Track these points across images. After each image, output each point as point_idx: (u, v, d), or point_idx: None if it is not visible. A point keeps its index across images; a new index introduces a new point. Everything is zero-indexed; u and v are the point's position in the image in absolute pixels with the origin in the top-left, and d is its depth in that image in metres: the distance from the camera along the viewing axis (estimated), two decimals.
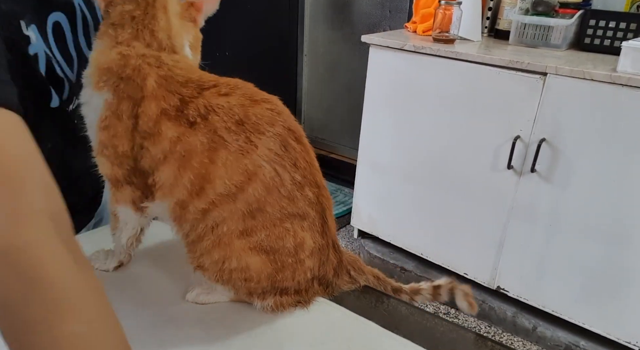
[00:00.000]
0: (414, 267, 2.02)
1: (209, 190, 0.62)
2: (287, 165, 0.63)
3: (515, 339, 1.80)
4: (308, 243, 0.67)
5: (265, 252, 0.65)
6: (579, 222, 1.55)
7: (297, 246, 0.66)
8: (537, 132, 1.55)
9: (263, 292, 0.69)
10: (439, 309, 1.94)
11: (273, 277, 0.67)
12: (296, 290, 0.70)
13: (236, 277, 0.67)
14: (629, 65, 1.37)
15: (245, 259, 0.65)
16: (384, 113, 1.93)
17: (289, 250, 0.66)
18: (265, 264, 0.66)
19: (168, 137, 0.61)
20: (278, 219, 0.64)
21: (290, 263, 0.67)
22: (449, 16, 1.72)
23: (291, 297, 0.71)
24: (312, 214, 0.67)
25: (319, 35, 2.86)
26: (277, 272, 0.67)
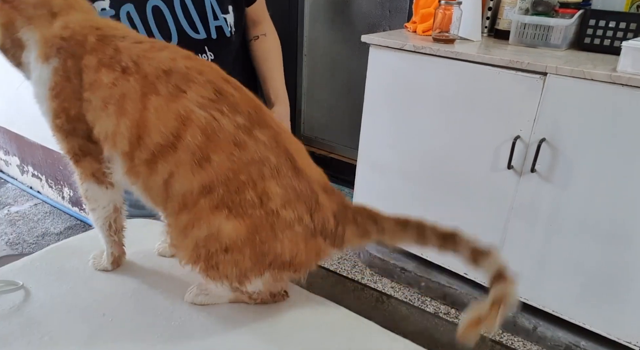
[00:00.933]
0: (414, 268, 2.02)
1: (147, 139, 0.63)
2: (224, 110, 0.63)
3: (516, 339, 1.80)
4: (274, 191, 0.64)
5: (229, 208, 0.63)
6: (579, 222, 1.55)
7: (261, 196, 0.63)
8: (537, 132, 1.55)
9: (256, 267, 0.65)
10: (439, 309, 1.94)
11: (252, 240, 0.64)
12: (293, 252, 0.66)
13: (214, 250, 0.64)
14: (629, 65, 1.37)
15: (214, 222, 0.63)
16: (383, 113, 1.93)
17: (253, 202, 0.63)
18: (237, 225, 0.63)
19: (104, 82, 0.65)
20: (230, 169, 0.62)
21: (261, 217, 0.63)
22: (448, 16, 1.72)
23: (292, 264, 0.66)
24: (273, 159, 0.64)
25: (319, 36, 2.86)
26: (253, 232, 0.64)
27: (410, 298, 2.00)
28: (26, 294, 0.72)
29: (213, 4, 1.03)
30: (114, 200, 0.74)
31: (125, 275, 0.77)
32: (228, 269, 0.65)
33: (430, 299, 2.00)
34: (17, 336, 0.64)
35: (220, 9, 1.05)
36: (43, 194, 2.75)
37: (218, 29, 1.04)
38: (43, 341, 0.64)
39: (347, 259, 2.22)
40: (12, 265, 0.79)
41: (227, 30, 1.06)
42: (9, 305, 0.69)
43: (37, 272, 0.77)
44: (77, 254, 0.82)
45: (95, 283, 0.75)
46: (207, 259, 0.65)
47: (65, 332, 0.65)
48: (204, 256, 0.65)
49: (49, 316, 0.68)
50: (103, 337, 0.65)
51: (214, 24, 1.04)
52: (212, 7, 1.04)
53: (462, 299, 1.91)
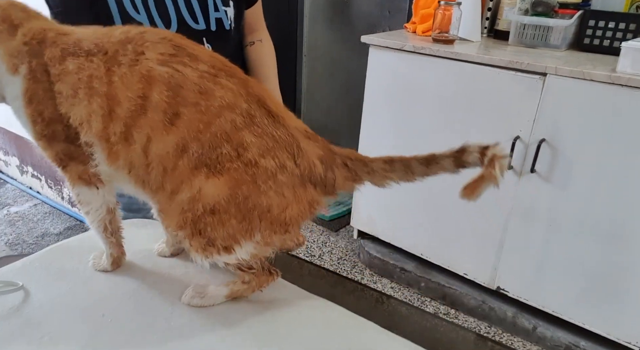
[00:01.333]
0: (413, 268, 2.02)
1: (118, 110, 0.64)
2: (185, 61, 0.63)
3: (515, 339, 1.80)
4: (249, 140, 0.62)
5: (207, 166, 0.62)
6: (578, 222, 1.55)
7: (237, 148, 0.62)
8: (536, 133, 1.55)
9: (243, 226, 0.63)
10: (439, 310, 1.94)
11: (235, 197, 0.62)
12: (281, 204, 0.63)
13: (199, 213, 0.63)
14: (628, 65, 1.37)
15: (194, 184, 0.62)
16: (383, 113, 1.93)
17: (230, 156, 0.62)
18: (217, 183, 0.62)
19: (71, 70, 0.65)
20: (200, 120, 0.62)
21: (240, 170, 0.62)
22: (448, 16, 1.72)
23: (283, 221, 0.64)
24: (244, 105, 0.63)
25: (319, 36, 2.86)
26: (236, 187, 0.62)
27: (409, 298, 2.00)
28: (26, 295, 0.72)
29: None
30: (106, 201, 0.74)
31: (125, 276, 0.77)
32: (215, 232, 0.63)
33: (429, 299, 2.00)
34: (17, 336, 0.64)
35: (221, 1, 1.05)
36: (43, 195, 2.75)
37: (218, 21, 1.04)
38: (43, 341, 0.64)
39: (347, 260, 2.22)
40: (12, 265, 0.79)
41: (226, 24, 1.06)
42: (8, 305, 0.69)
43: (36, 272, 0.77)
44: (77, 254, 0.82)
45: (95, 284, 0.75)
46: (193, 223, 0.63)
47: (65, 333, 0.65)
48: (190, 220, 0.63)
49: (48, 316, 0.68)
50: (103, 337, 0.65)
51: (214, 15, 1.04)
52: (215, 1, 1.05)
53: (461, 299, 1.91)
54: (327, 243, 2.33)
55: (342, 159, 0.68)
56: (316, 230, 2.43)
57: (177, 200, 0.64)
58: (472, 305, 1.89)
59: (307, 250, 2.27)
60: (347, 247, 2.30)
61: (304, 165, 0.64)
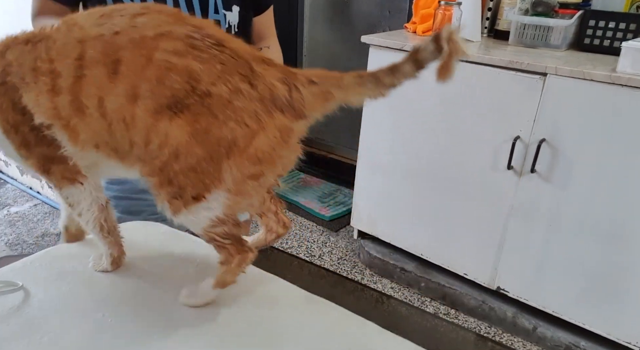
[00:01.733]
0: (414, 268, 2.02)
1: (59, 80, 0.63)
2: (114, 15, 0.62)
3: (516, 339, 1.80)
4: (196, 68, 0.59)
5: (168, 107, 0.59)
6: (579, 222, 1.55)
7: (188, 80, 0.59)
8: (537, 133, 1.55)
9: (211, 167, 0.60)
10: (439, 310, 1.94)
11: (196, 133, 0.59)
12: (247, 136, 0.60)
13: (166, 159, 0.60)
14: (628, 65, 1.37)
15: (161, 128, 0.60)
16: (383, 113, 1.93)
17: (185, 90, 0.59)
18: (179, 123, 0.59)
19: (11, 59, 0.64)
20: (142, 56, 0.60)
21: (197, 103, 0.59)
22: (448, 17, 1.72)
23: (253, 156, 0.60)
24: (181, 31, 0.61)
25: (319, 36, 2.86)
26: (194, 122, 0.59)
27: (410, 298, 2.00)
28: (26, 295, 0.72)
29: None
30: (95, 198, 0.73)
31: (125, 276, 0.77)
32: (183, 178, 0.61)
33: (430, 300, 1.99)
34: (17, 337, 0.64)
35: (222, 4, 1.05)
36: (43, 195, 2.75)
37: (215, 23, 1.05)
38: (43, 342, 0.64)
39: (347, 260, 2.22)
40: (12, 266, 0.79)
41: (223, 26, 1.06)
42: (8, 305, 0.69)
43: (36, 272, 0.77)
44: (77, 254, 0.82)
45: (95, 284, 0.75)
46: (161, 170, 0.61)
47: (65, 333, 0.65)
48: (158, 168, 0.62)
49: (48, 317, 0.68)
50: (103, 337, 0.65)
51: (213, 16, 1.05)
52: (215, 1, 1.05)
53: (462, 299, 1.91)
54: (327, 243, 2.33)
55: (307, 77, 0.63)
56: (316, 230, 2.43)
57: (150, 152, 0.62)
58: (472, 306, 1.89)
59: (307, 251, 2.27)
60: (347, 247, 2.30)
61: (262, 87, 0.60)
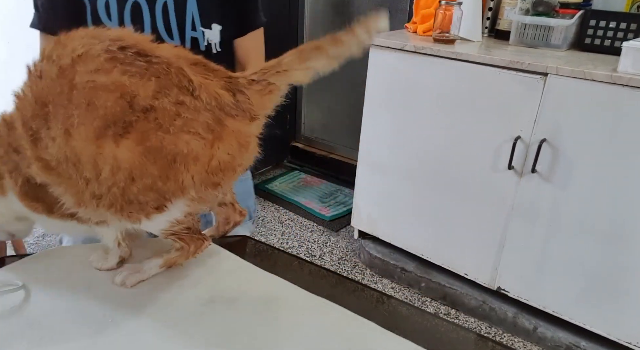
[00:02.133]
0: (414, 268, 2.02)
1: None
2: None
3: (516, 339, 1.80)
4: (127, 81, 0.56)
5: (107, 128, 0.56)
6: (579, 223, 1.55)
7: (122, 95, 0.55)
8: (537, 133, 1.55)
9: (169, 180, 0.58)
10: (439, 310, 1.94)
11: (149, 151, 0.57)
12: (205, 147, 0.58)
13: (122, 183, 0.58)
14: (629, 65, 1.37)
15: (107, 154, 0.57)
16: (384, 113, 1.93)
17: (121, 107, 0.56)
18: (126, 143, 0.56)
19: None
20: (61, 82, 0.56)
21: (141, 119, 0.56)
22: (449, 16, 1.72)
23: (214, 167, 0.59)
24: (98, 48, 0.57)
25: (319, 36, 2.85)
26: (144, 140, 0.56)
27: (410, 298, 2.00)
28: (26, 295, 0.72)
29: (194, 14, 1.01)
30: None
31: None
32: (144, 197, 0.59)
33: (430, 300, 1.99)
34: (17, 336, 0.64)
35: (200, 21, 1.02)
36: None
37: (193, 41, 1.02)
38: (43, 341, 0.64)
39: (348, 260, 2.22)
40: (13, 265, 0.79)
41: (202, 44, 1.03)
42: (9, 305, 0.69)
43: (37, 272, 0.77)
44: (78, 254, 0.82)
45: (96, 284, 0.75)
46: (121, 196, 0.59)
47: (65, 333, 0.65)
48: (119, 196, 0.59)
49: (49, 316, 0.68)
50: (103, 337, 0.65)
51: (190, 33, 1.02)
52: (193, 17, 1.01)
53: (462, 299, 1.90)
54: (328, 243, 2.33)
55: (247, 76, 0.62)
56: (317, 230, 2.43)
57: (101, 181, 0.58)
58: (472, 306, 1.88)
59: (307, 251, 2.27)
60: (347, 247, 2.30)
61: (205, 97, 0.58)
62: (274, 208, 2.62)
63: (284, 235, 2.38)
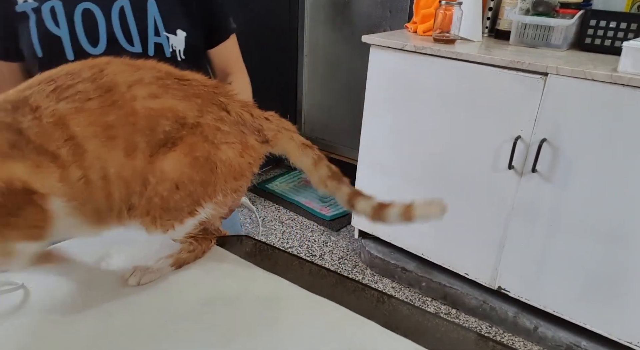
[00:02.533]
0: (414, 268, 2.02)
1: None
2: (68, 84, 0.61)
3: (517, 339, 1.80)
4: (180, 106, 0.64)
5: (160, 145, 0.63)
6: (579, 222, 1.55)
7: (175, 119, 0.64)
8: (538, 132, 1.55)
9: (209, 187, 0.66)
10: (440, 309, 1.94)
11: (197, 161, 0.65)
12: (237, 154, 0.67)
13: (166, 193, 0.64)
14: (629, 65, 1.37)
15: (156, 169, 0.63)
16: (384, 113, 1.93)
17: (173, 128, 0.64)
18: (174, 155, 0.64)
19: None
20: (126, 112, 0.61)
21: (189, 134, 0.64)
22: (449, 16, 1.72)
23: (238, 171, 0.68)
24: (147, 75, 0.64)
25: (320, 36, 2.86)
26: (193, 151, 0.65)
27: (411, 298, 2.00)
28: (26, 294, 0.72)
29: (157, 18, 0.96)
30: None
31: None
32: (181, 203, 0.66)
33: (431, 299, 1.99)
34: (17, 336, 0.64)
35: (164, 26, 0.97)
36: None
37: (157, 46, 0.97)
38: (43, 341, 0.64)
39: (348, 259, 2.22)
40: None
41: (167, 51, 0.98)
42: (8, 304, 0.69)
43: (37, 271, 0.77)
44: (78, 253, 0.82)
45: (96, 283, 0.75)
46: (161, 205, 0.65)
47: (65, 332, 0.65)
48: (158, 204, 0.65)
49: (49, 316, 0.68)
50: (103, 337, 0.65)
51: (153, 39, 0.96)
52: (155, 22, 0.96)
53: (462, 299, 1.90)
54: (328, 243, 2.33)
55: (261, 114, 0.72)
56: (317, 230, 2.43)
57: (146, 194, 0.64)
58: (473, 305, 1.88)
59: (308, 250, 2.27)
60: (348, 247, 2.30)
61: (235, 114, 0.68)
62: (274, 208, 2.62)
63: (284, 235, 2.38)
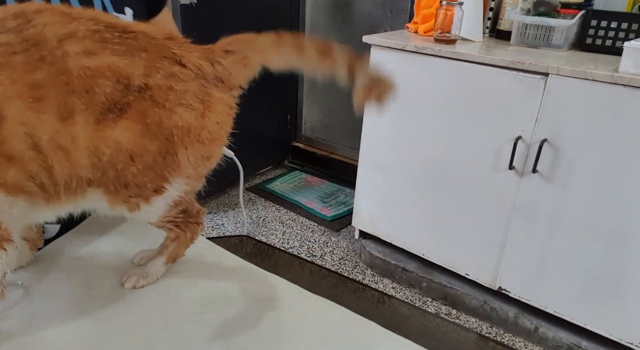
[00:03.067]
0: (415, 268, 2.02)
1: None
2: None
3: (517, 339, 1.80)
4: (120, 63, 0.55)
5: (108, 111, 0.55)
6: (580, 222, 1.55)
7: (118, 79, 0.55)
8: (538, 133, 1.55)
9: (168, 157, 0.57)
10: (440, 310, 1.93)
11: (149, 128, 0.56)
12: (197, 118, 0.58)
13: (121, 166, 0.56)
14: (630, 65, 1.37)
15: (108, 139, 0.55)
16: (384, 113, 1.93)
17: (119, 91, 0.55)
18: (125, 124, 0.56)
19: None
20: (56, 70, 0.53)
21: (138, 99, 0.55)
22: (450, 17, 1.72)
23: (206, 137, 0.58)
24: (81, 27, 0.54)
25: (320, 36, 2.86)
26: (143, 118, 0.56)
27: (411, 298, 2.00)
28: (26, 293, 0.72)
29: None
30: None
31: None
32: (142, 178, 0.58)
33: (431, 300, 1.99)
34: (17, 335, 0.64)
35: (112, 6, 0.94)
36: None
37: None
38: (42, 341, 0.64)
39: (349, 260, 2.22)
40: None
41: None
42: (8, 304, 0.69)
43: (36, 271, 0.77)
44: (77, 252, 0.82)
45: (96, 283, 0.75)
46: (117, 179, 0.58)
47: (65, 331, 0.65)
48: (114, 179, 0.57)
49: (48, 315, 0.68)
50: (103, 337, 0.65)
51: None
52: (103, 2, 0.92)
53: (463, 299, 1.90)
54: (329, 243, 2.33)
55: (222, 48, 0.62)
56: (317, 230, 2.43)
57: (102, 166, 0.57)
58: (473, 306, 1.88)
59: (308, 250, 2.27)
60: (348, 247, 2.30)
61: (192, 66, 0.59)
62: (274, 208, 2.62)
63: (284, 235, 2.37)
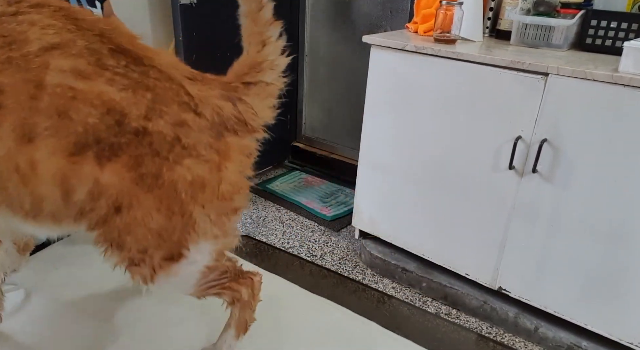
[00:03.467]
0: (415, 268, 2.02)
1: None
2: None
3: (517, 339, 1.80)
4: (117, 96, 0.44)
5: (87, 146, 0.44)
6: (580, 222, 1.55)
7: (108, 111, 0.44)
8: (538, 133, 1.55)
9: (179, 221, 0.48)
10: (440, 310, 1.93)
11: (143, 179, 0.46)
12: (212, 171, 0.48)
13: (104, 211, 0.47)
14: (630, 65, 1.37)
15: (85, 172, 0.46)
16: (385, 113, 1.93)
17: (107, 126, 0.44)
18: (115, 167, 0.45)
19: None
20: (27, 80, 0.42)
21: (134, 143, 0.45)
22: (450, 16, 1.72)
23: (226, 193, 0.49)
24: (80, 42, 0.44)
25: (320, 36, 2.86)
26: (137, 166, 0.46)
27: (411, 298, 2.00)
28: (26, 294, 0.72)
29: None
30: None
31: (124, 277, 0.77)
32: (142, 239, 0.47)
33: (431, 300, 1.99)
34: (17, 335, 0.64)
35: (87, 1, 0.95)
36: None
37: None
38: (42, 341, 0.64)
39: (349, 260, 2.22)
40: None
41: None
42: (8, 304, 0.69)
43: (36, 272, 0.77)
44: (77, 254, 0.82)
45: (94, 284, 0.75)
46: (104, 223, 0.47)
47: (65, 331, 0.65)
48: (95, 222, 0.47)
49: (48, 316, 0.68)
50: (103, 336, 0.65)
51: None
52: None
53: (463, 299, 1.90)
54: (329, 243, 2.33)
55: (241, 79, 0.55)
56: (317, 230, 2.43)
57: (74, 204, 0.47)
58: (473, 306, 1.88)
59: (308, 250, 2.27)
60: (348, 247, 2.30)
61: (209, 113, 0.49)
62: (275, 208, 2.62)
63: (284, 235, 2.38)
